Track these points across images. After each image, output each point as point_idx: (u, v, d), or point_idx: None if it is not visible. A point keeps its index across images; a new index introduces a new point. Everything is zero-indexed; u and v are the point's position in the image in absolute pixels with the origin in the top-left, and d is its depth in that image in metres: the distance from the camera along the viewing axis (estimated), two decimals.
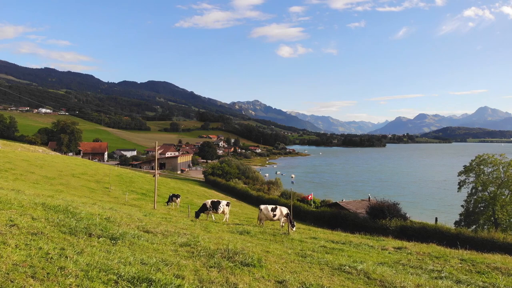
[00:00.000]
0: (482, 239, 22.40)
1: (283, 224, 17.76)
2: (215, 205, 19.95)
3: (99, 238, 7.06)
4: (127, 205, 22.81)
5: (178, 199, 30.58)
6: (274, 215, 17.65)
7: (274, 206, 18.28)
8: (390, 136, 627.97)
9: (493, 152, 53.44)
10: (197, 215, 19.68)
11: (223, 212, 20.00)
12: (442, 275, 8.75)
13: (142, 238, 7.79)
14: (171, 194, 31.80)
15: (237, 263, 7.06)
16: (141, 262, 5.87)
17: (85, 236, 7.01)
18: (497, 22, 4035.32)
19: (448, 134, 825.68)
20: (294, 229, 16.85)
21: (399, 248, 13.65)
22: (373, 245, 13.88)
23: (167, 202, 30.43)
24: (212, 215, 20.16)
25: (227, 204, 20.43)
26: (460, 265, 11.13)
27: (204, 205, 20.16)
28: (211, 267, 6.60)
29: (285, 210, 17.76)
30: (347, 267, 8.19)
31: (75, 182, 38.08)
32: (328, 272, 7.77)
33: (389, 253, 12.65)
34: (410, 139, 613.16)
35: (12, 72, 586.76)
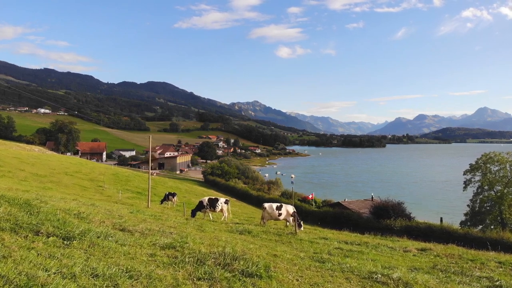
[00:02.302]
0: (491, 239, 21.77)
1: (288, 224, 16.11)
2: (213, 202, 18.32)
3: (48, 238, 5.21)
4: (119, 204, 21.07)
5: (175, 197, 28.97)
6: (280, 214, 15.96)
7: (279, 204, 16.60)
8: (389, 136, 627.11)
9: None
10: (193, 213, 18.16)
11: (221, 210, 18.35)
12: (497, 283, 6.91)
13: (110, 238, 5.92)
14: (167, 193, 30.29)
15: (236, 272, 5.21)
16: (92, 274, 4.03)
17: (30, 235, 5.15)
18: (496, 23, 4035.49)
19: (448, 134, 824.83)
20: (301, 229, 15.10)
21: (423, 250, 11.91)
22: (393, 246, 12.09)
23: (162, 201, 28.81)
24: (210, 214, 18.46)
25: (226, 202, 18.79)
26: (502, 269, 9.50)
27: (201, 202, 18.49)
28: (200, 279, 4.74)
29: (291, 209, 16.05)
30: (380, 276, 6.34)
31: (67, 180, 36.48)
32: (357, 283, 5.94)
33: (414, 255, 10.93)
34: (409, 139, 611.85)
35: (11, 72, 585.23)
